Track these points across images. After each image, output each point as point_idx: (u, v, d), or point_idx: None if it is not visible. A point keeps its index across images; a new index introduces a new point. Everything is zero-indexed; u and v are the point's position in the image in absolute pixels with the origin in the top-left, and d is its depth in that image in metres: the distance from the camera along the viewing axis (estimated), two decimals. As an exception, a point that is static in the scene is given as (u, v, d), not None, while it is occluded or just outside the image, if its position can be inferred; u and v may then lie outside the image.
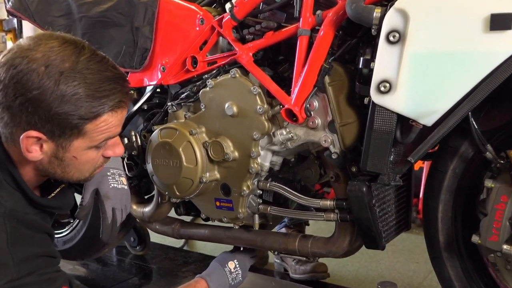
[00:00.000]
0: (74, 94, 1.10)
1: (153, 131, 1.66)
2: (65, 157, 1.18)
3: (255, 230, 1.63)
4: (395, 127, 1.21)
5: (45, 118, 1.10)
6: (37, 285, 1.17)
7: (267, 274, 2.14)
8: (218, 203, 1.61)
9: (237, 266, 1.64)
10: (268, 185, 1.53)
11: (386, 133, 1.22)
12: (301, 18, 1.35)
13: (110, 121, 1.17)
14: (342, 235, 1.49)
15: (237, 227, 1.65)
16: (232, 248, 1.75)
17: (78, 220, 1.97)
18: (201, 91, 1.57)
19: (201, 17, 1.57)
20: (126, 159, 1.77)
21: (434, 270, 1.49)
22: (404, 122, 1.22)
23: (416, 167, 2.34)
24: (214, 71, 1.56)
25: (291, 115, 1.38)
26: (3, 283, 1.11)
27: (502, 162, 1.28)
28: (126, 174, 1.60)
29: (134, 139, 1.76)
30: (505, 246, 1.27)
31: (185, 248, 2.67)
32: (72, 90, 1.09)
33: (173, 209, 1.83)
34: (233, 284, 1.62)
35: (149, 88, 1.78)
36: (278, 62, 1.52)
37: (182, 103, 1.64)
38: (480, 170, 1.37)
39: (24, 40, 1.15)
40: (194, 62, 1.59)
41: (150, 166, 1.66)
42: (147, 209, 1.83)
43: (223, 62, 1.53)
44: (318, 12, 1.33)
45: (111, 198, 1.44)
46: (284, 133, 1.43)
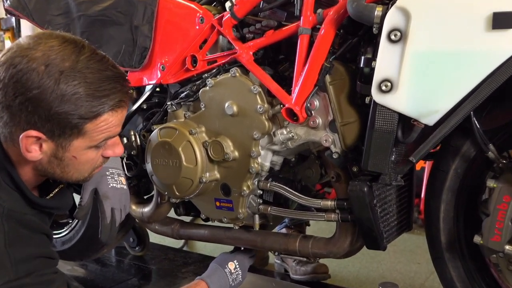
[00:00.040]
0: (74, 94, 1.09)
1: (152, 131, 1.65)
2: (64, 157, 1.17)
3: (255, 230, 1.62)
4: (397, 127, 1.21)
5: (45, 118, 1.10)
6: (34, 286, 1.16)
7: (268, 275, 2.13)
8: (218, 203, 1.61)
9: (237, 266, 1.64)
10: (268, 185, 1.52)
11: (388, 132, 1.21)
12: (301, 17, 1.35)
13: (110, 120, 1.16)
14: (343, 236, 1.49)
15: (237, 228, 1.64)
16: (232, 248, 1.74)
17: (77, 220, 1.96)
18: (201, 90, 1.56)
19: (200, 15, 1.57)
20: (125, 159, 1.77)
21: (436, 271, 1.49)
22: (405, 122, 1.21)
23: (417, 167, 2.33)
24: (214, 70, 1.55)
25: (292, 115, 1.37)
26: (0, 284, 1.11)
27: (504, 161, 1.28)
28: (125, 174, 1.60)
29: (133, 139, 1.75)
30: (507, 247, 1.26)
31: (184, 248, 2.67)
32: (72, 89, 1.09)
33: (172, 209, 1.82)
34: (233, 285, 1.61)
35: (148, 87, 1.77)
36: (278, 61, 1.51)
37: (182, 103, 1.63)
38: (482, 170, 1.36)
39: (23, 39, 1.15)
40: (194, 61, 1.59)
41: (149, 166, 1.65)
42: (147, 209, 1.83)
43: (223, 61, 1.53)
44: (319, 10, 1.33)
45: (110, 198, 1.43)
46: (284, 132, 1.43)
